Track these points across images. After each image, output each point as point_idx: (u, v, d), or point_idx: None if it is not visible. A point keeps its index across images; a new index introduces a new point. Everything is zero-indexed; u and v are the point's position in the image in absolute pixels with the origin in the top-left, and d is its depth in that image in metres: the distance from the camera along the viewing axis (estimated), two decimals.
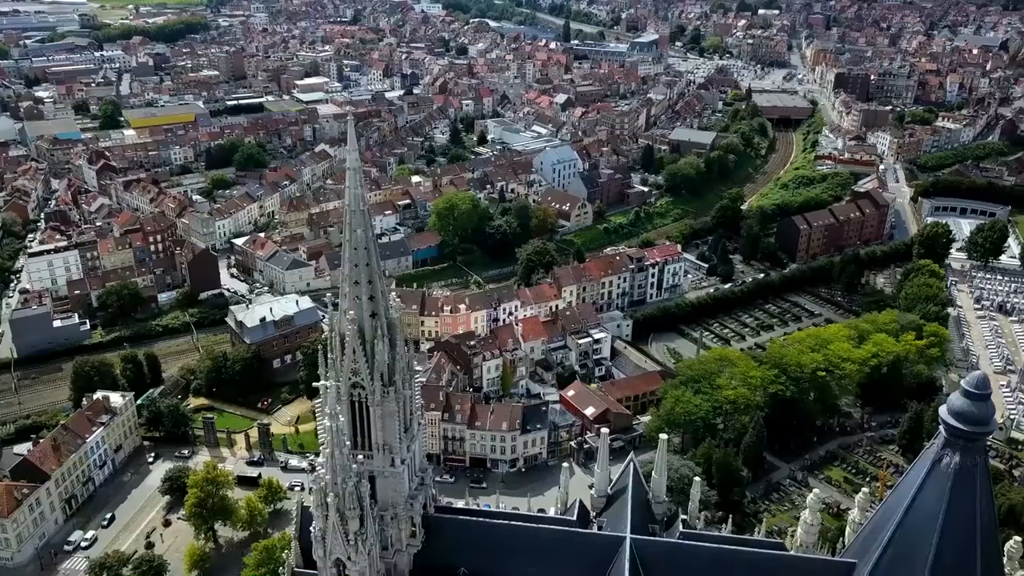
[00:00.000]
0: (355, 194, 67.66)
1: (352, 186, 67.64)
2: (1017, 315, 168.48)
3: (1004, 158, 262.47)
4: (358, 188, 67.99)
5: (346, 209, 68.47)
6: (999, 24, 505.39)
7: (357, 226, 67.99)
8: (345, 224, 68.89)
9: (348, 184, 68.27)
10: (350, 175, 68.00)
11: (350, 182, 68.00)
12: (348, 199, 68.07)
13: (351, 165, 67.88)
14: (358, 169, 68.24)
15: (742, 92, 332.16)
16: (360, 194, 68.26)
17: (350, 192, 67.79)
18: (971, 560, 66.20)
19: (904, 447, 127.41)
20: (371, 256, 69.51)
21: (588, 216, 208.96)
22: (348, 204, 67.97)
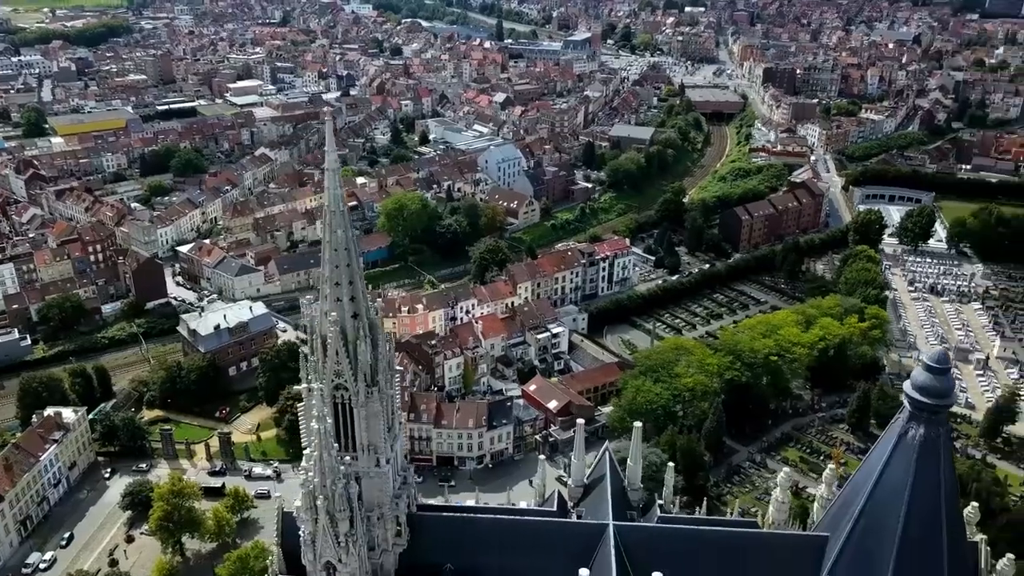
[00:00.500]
0: (335, 195, 67.42)
1: (332, 187, 67.36)
2: (947, 296, 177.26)
3: (924, 147, 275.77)
4: (338, 189, 67.79)
5: (326, 210, 68.12)
6: (910, 19, 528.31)
7: (337, 227, 67.77)
8: (325, 225, 68.59)
9: (327, 185, 68.00)
10: (329, 176, 67.74)
11: (329, 183, 67.72)
12: (328, 200, 67.77)
13: (330, 166, 67.63)
14: (337, 170, 68.04)
15: (675, 88, 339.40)
16: (340, 195, 68.10)
17: (330, 193, 67.51)
18: (937, 528, 69.96)
19: (853, 425, 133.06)
20: (351, 256, 69.48)
21: (536, 213, 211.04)
22: (328, 205, 67.68)
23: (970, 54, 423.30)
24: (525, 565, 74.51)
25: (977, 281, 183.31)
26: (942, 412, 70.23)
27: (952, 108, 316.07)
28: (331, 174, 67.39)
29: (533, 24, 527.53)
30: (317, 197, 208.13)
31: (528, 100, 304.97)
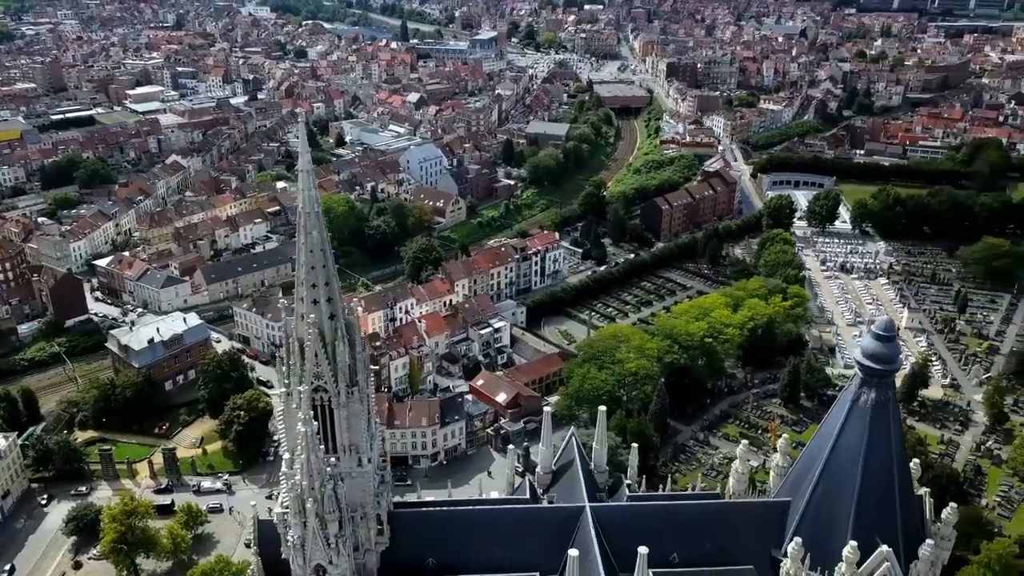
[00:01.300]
0: (309, 196, 67.43)
1: (305, 188, 67.36)
2: (856, 273, 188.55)
3: (820, 134, 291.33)
4: (311, 190, 67.82)
5: (300, 212, 67.96)
6: (795, 14, 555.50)
7: (313, 228, 67.80)
8: (299, 227, 68.35)
9: (301, 186, 67.92)
10: (303, 177, 67.66)
11: (303, 184, 67.68)
12: (302, 202, 67.68)
13: (303, 167, 67.53)
14: (310, 171, 67.98)
15: (584, 85, 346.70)
16: (314, 196, 68.14)
17: (304, 194, 67.47)
18: (891, 484, 75.68)
19: (786, 399, 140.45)
20: (327, 257, 69.64)
21: (462, 212, 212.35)
22: (302, 207, 67.57)
23: (852, 46, 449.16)
24: (506, 552, 76.00)
25: (881, 258, 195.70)
26: (890, 376, 75.94)
27: (842, 97, 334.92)
28: (305, 175, 67.31)
29: (437, 24, 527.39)
30: (238, 204, 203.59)
31: (441, 99, 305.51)
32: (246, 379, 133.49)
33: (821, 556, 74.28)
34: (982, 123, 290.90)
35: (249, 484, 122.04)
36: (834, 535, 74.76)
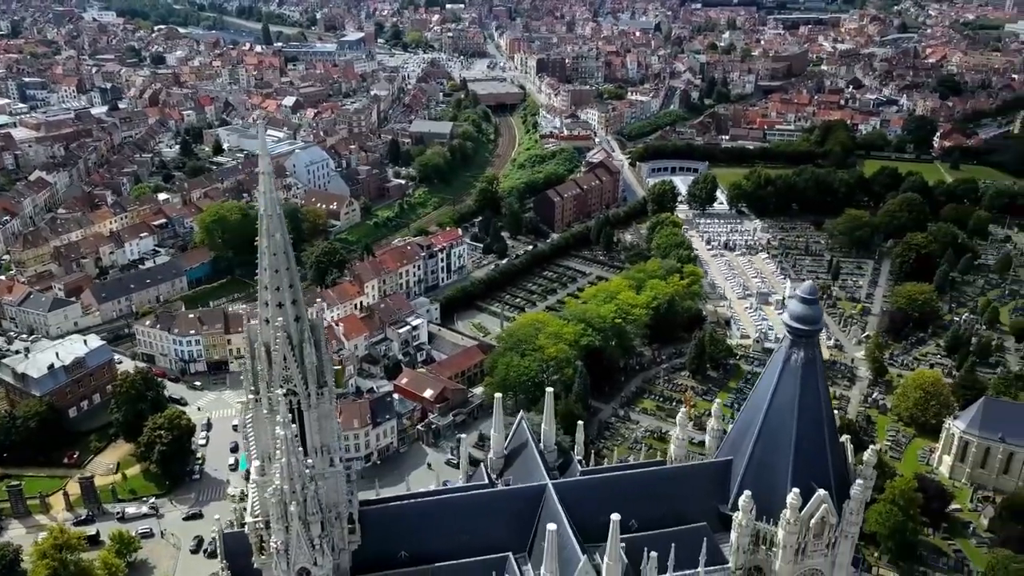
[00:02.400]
0: (270, 199, 67.33)
1: (267, 191, 67.24)
2: (739, 250, 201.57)
3: (687, 122, 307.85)
4: (272, 192, 67.76)
5: (262, 215, 67.65)
6: (647, 9, 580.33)
7: (275, 230, 67.81)
8: (261, 230, 68.05)
9: (262, 189, 67.64)
10: (264, 180, 67.40)
11: (264, 186, 67.45)
12: (263, 204, 67.40)
13: (264, 169, 67.30)
14: (271, 173, 67.88)
15: (458, 83, 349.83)
16: (275, 198, 68.09)
17: (265, 197, 67.28)
18: (821, 434, 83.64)
19: (693, 371, 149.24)
20: (290, 259, 69.64)
21: (356, 213, 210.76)
22: (265, 209, 67.31)
23: (703, 39, 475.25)
24: (475, 536, 78.29)
25: (758, 235, 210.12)
26: (815, 335, 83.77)
27: (702, 87, 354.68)
28: (265, 177, 67.15)
29: (298, 26, 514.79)
30: (119, 219, 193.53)
31: (316, 102, 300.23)
32: (162, 398, 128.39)
33: (765, 506, 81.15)
34: (827, 107, 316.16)
35: (177, 505, 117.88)
36: (775, 486, 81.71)
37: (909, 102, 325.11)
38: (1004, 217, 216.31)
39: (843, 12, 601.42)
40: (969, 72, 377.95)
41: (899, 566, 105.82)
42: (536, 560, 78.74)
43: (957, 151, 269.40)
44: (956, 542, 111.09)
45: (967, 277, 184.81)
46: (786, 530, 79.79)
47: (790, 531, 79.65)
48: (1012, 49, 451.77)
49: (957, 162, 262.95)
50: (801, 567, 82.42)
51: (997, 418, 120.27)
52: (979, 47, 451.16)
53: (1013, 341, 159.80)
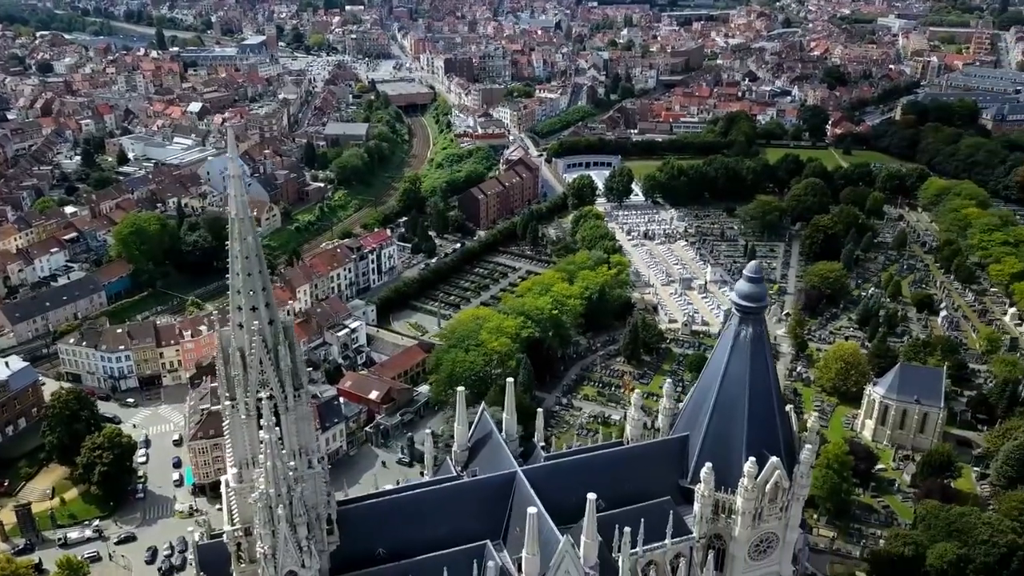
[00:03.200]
0: (241, 202, 66.96)
1: (238, 194, 66.77)
2: (658, 239, 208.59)
3: (595, 117, 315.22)
4: (243, 195, 67.40)
5: (233, 219, 67.16)
6: (546, 8, 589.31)
7: (247, 234, 67.50)
8: (233, 234, 67.54)
9: (233, 192, 67.04)
10: (234, 183, 66.94)
11: (235, 190, 66.94)
12: (235, 208, 66.92)
13: (233, 172, 66.81)
14: (240, 176, 67.47)
15: (366, 84, 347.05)
16: (245, 201, 67.67)
17: (236, 201, 66.81)
18: (771, 404, 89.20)
19: (628, 356, 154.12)
20: (262, 262, 69.43)
21: (277, 219, 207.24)
22: (236, 213, 66.87)
23: (603, 36, 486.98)
24: (452, 528, 79.76)
25: (675, 224, 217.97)
26: (761, 312, 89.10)
27: (607, 83, 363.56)
28: (236, 181, 66.78)
29: (193, 30, 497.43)
30: (23, 235, 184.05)
31: (222, 107, 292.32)
32: (98, 417, 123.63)
33: (723, 477, 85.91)
34: (727, 99, 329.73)
35: (122, 526, 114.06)
36: (731, 457, 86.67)
37: (800, 93, 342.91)
38: (896, 198, 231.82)
39: (731, 8, 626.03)
40: (851, 63, 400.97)
41: (836, 525, 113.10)
42: (511, 546, 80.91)
43: (848, 138, 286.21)
44: (884, 499, 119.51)
45: (869, 255, 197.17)
46: (744, 497, 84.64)
47: (748, 498, 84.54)
48: (885, 41, 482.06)
49: (849, 148, 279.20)
50: (758, 531, 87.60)
51: (912, 382, 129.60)
52: (856, 40, 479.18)
53: (915, 311, 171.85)
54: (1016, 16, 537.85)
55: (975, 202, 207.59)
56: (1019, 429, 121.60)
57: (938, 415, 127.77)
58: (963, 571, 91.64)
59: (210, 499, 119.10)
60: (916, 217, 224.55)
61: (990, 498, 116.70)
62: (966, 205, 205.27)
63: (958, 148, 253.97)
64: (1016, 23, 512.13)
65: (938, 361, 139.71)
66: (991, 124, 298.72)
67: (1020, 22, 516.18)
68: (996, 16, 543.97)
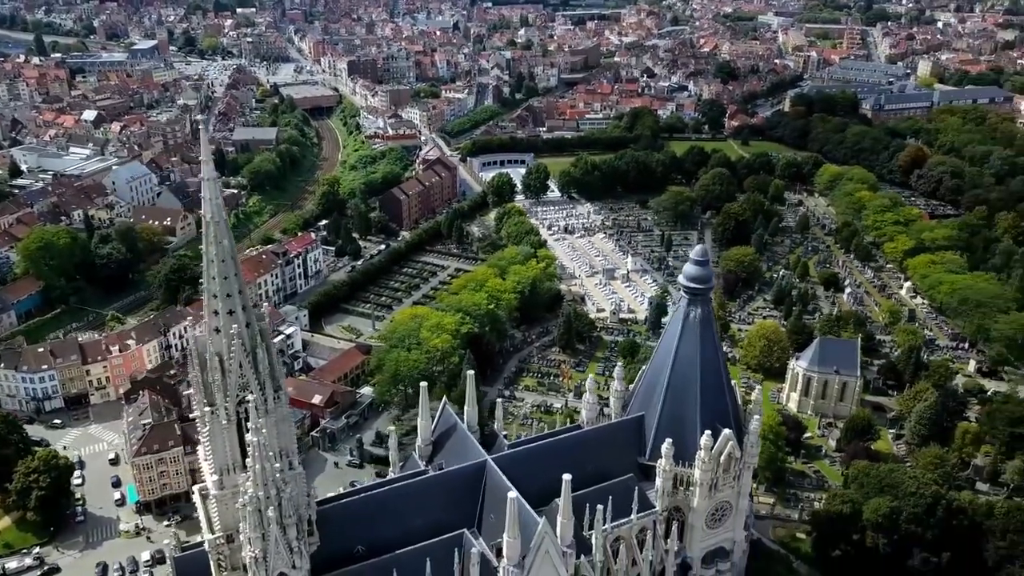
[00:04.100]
0: (216, 205, 67.06)
1: (212, 197, 66.69)
2: (578, 232, 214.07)
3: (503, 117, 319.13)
4: (218, 199, 67.28)
5: (208, 222, 66.90)
6: (442, 9, 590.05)
7: (223, 237, 67.56)
8: (208, 238, 67.23)
9: (207, 196, 66.83)
10: (209, 186, 66.80)
11: (209, 193, 66.71)
12: (210, 211, 66.86)
13: (207, 175, 66.60)
14: (215, 179, 67.37)
15: (268, 88, 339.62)
16: (220, 204, 67.56)
17: (211, 204, 66.81)
18: (720, 380, 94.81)
19: (563, 346, 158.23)
20: (237, 265, 69.32)
21: (192, 227, 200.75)
22: (211, 216, 66.82)
23: (501, 36, 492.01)
24: (427, 520, 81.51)
25: (592, 217, 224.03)
26: (708, 293, 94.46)
27: (511, 82, 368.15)
28: (210, 184, 66.75)
29: (74, 35, 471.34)
30: None
31: (119, 114, 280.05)
32: (28, 441, 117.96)
33: (679, 451, 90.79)
34: (628, 95, 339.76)
35: (64, 551, 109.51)
36: (686, 432, 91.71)
37: (696, 88, 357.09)
38: (794, 184, 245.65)
39: (621, 8, 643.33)
40: (740, 59, 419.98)
41: (775, 492, 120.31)
42: (486, 533, 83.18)
43: (745, 129, 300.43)
44: (814, 464, 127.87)
45: (776, 238, 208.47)
46: (701, 469, 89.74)
47: (704, 469, 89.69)
48: (767, 37, 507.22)
49: (746, 139, 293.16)
50: (714, 501, 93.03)
51: (830, 354, 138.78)
52: (740, 37, 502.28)
53: (822, 289, 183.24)
54: (881, 13, 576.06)
55: (866, 186, 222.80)
56: (927, 392, 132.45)
57: (856, 383, 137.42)
58: (896, 522, 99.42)
59: (156, 516, 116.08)
60: (814, 202, 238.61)
61: (906, 456, 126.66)
62: (859, 189, 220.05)
63: (845, 136, 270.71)
64: (881, 19, 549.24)
65: (851, 334, 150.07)
66: (871, 113, 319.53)
67: (884, 18, 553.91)
68: (863, 13, 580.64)
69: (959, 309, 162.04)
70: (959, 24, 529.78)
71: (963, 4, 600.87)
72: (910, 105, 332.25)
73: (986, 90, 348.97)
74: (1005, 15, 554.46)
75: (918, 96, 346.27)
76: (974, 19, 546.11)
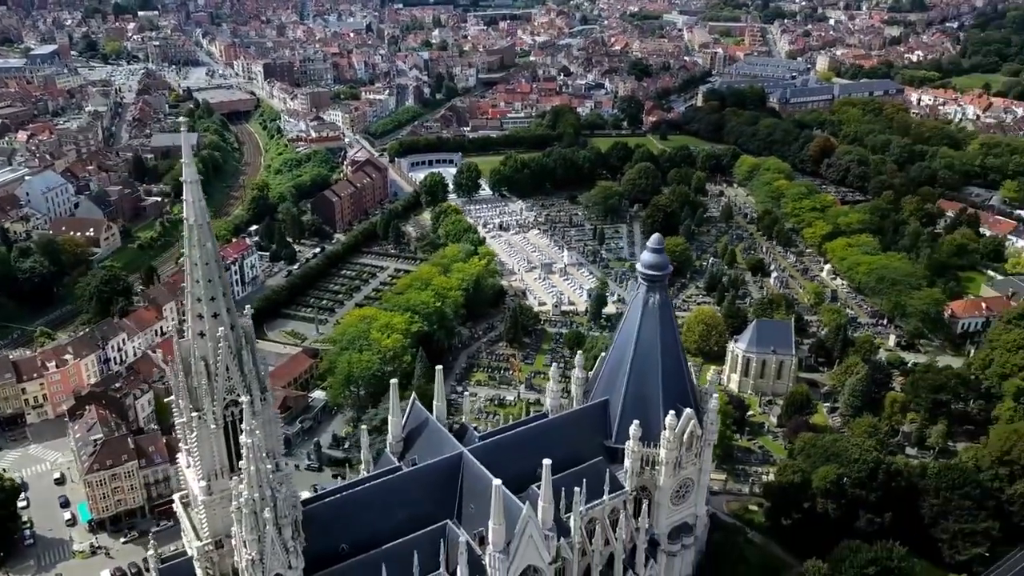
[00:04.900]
0: (199, 207, 66.69)
1: (195, 200, 66.61)
2: (513, 229, 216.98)
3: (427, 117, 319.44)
4: (201, 201, 66.89)
5: (191, 225, 66.56)
6: (354, 11, 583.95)
7: (206, 240, 67.43)
8: (189, 241, 66.77)
9: (190, 199, 66.46)
10: (191, 188, 66.36)
11: (192, 196, 66.34)
12: (193, 214, 66.56)
13: (190, 178, 66.25)
14: (197, 181, 66.96)
15: (181, 93, 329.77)
16: (204, 207, 67.22)
17: (194, 206, 66.58)
18: (680, 362, 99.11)
19: (510, 340, 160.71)
20: (221, 268, 69.16)
21: (117, 237, 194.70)
22: (195, 219, 66.58)
23: (415, 37, 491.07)
24: (406, 515, 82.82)
25: (525, 214, 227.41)
26: (664, 280, 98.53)
27: (431, 83, 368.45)
28: (193, 186, 66.42)
29: None
30: None
31: (23, 123, 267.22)
32: None
33: (645, 432, 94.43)
34: (547, 94, 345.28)
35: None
36: (650, 414, 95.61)
37: (612, 85, 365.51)
38: (715, 176, 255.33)
39: (530, 8, 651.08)
40: (651, 56, 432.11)
41: (725, 468, 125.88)
42: (467, 523, 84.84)
43: (663, 124, 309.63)
44: (758, 440, 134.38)
45: (702, 228, 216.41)
46: (667, 448, 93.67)
47: (670, 448, 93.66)
48: (674, 36, 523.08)
49: (664, 134, 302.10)
50: (678, 478, 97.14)
51: (767, 335, 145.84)
52: (648, 35, 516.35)
53: (750, 275, 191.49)
54: (777, 11, 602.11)
55: (783, 175, 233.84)
56: (856, 366, 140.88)
57: (792, 362, 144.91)
58: (842, 488, 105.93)
59: (112, 533, 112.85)
60: (734, 192, 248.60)
61: (842, 427, 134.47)
62: (776, 178, 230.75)
63: (758, 129, 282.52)
64: (778, 17, 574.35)
65: (783, 315, 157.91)
66: (778, 106, 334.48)
67: (781, 16, 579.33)
68: (760, 11, 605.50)
69: (876, 288, 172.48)
70: (849, 21, 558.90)
71: (851, 2, 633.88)
72: (813, 98, 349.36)
73: (880, 83, 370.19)
74: (889, 12, 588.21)
75: (820, 89, 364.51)
76: (862, 16, 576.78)
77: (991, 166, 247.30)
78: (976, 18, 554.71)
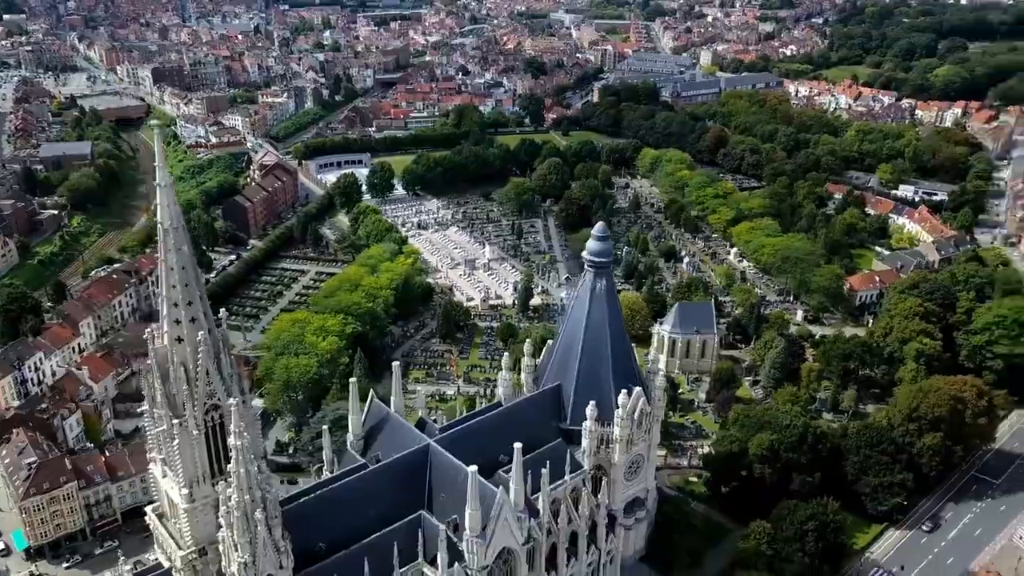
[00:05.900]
0: (174, 211, 66.26)
1: (168, 203, 66.16)
2: (432, 228, 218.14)
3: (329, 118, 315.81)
4: (174, 204, 66.42)
5: (166, 229, 66.03)
6: (239, 13, 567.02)
7: (181, 243, 67.08)
8: (165, 245, 66.12)
9: (164, 202, 65.93)
10: (164, 192, 65.80)
11: (166, 200, 65.75)
12: (168, 217, 65.95)
13: (163, 182, 65.62)
14: (170, 184, 66.38)
15: (63, 101, 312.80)
16: (178, 211, 66.68)
17: (168, 210, 66.16)
18: (626, 344, 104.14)
19: (443, 336, 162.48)
20: (197, 272, 68.78)
21: (14, 254, 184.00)
22: (171, 223, 66.07)
23: (305, 39, 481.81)
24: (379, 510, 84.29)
25: (442, 212, 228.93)
26: (609, 266, 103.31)
27: (328, 84, 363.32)
28: (167, 190, 65.99)
29: None
30: None
31: None
32: None
33: (599, 413, 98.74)
34: (447, 93, 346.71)
35: None
36: (602, 395, 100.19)
37: (510, 83, 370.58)
38: (619, 169, 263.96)
39: (418, 8, 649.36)
40: (544, 54, 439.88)
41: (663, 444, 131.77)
42: (438, 512, 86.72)
43: (563, 121, 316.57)
44: (689, 416, 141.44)
45: (613, 219, 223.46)
46: (620, 426, 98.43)
47: (623, 426, 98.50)
48: (563, 34, 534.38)
49: (566, 130, 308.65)
50: (631, 455, 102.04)
51: (689, 317, 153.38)
52: (538, 33, 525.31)
53: (663, 261, 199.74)
54: (658, 9, 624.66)
55: (685, 166, 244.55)
56: (773, 340, 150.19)
57: (714, 340, 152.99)
58: (777, 453, 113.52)
59: (52, 560, 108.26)
60: (639, 183, 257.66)
61: (764, 398, 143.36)
62: (679, 169, 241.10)
63: (655, 122, 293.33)
64: (659, 15, 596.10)
65: (702, 297, 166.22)
66: (671, 100, 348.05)
67: (662, 14, 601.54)
68: (642, 9, 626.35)
69: (781, 267, 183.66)
70: (725, 18, 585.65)
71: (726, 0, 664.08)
72: (702, 92, 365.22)
73: (762, 76, 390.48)
74: (761, 9, 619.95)
75: (708, 83, 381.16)
76: (736, 14, 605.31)
77: (867, 151, 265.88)
78: (838, 14, 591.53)
